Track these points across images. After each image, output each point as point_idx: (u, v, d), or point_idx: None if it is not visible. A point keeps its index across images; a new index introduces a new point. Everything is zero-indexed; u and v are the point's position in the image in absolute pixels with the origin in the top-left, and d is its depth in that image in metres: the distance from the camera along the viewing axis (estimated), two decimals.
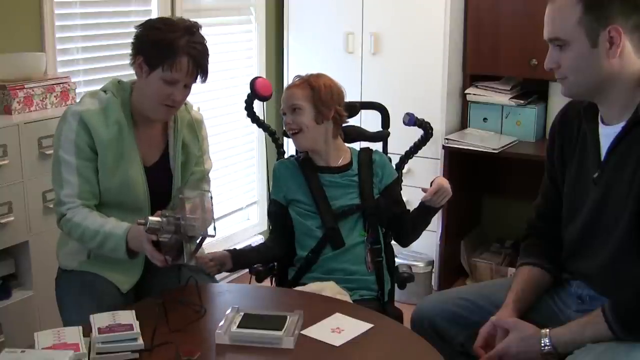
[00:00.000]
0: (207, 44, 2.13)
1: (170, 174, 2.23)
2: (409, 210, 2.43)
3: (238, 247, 2.54)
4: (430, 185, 2.26)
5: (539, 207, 2.08)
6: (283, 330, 1.76)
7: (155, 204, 2.14)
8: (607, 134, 1.81)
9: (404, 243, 2.48)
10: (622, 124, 1.77)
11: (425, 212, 2.33)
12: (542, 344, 1.76)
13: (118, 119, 2.12)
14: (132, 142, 2.14)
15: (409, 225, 2.40)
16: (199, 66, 2.10)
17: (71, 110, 2.12)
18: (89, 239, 2.07)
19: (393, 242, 2.52)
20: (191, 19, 2.16)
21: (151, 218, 1.90)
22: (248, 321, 1.81)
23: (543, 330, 1.78)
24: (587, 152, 1.87)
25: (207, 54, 2.12)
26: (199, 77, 2.12)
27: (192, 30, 2.10)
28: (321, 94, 2.32)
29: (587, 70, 1.75)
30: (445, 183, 2.27)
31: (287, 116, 2.34)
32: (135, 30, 2.14)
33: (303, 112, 2.32)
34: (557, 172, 1.99)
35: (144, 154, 2.19)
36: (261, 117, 2.64)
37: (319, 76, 2.38)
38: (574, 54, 1.74)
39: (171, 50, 2.05)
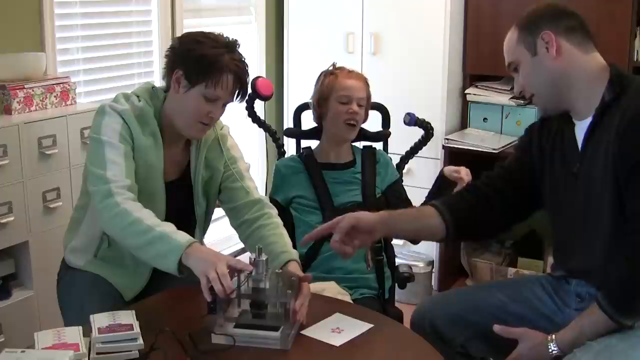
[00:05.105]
0: (246, 61, 2.04)
1: (189, 192, 2.13)
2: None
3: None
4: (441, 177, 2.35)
5: (500, 173, 2.06)
6: (283, 330, 1.75)
7: (170, 221, 1.96)
8: (582, 128, 1.87)
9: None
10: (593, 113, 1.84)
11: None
12: (550, 350, 1.79)
13: (153, 131, 2.01)
14: (160, 157, 2.03)
15: None
16: (242, 85, 2.02)
17: (111, 105, 1.99)
18: (136, 234, 1.84)
19: (394, 241, 2.51)
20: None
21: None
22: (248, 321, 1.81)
23: (549, 336, 1.81)
24: (565, 148, 1.92)
25: (248, 73, 2.03)
26: (238, 96, 2.04)
27: (233, 46, 2.00)
28: (370, 97, 2.44)
29: (539, 78, 1.88)
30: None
31: (352, 106, 2.37)
32: (172, 42, 2.04)
33: (364, 108, 2.41)
34: (535, 166, 2.00)
35: (165, 170, 2.07)
36: (262, 117, 2.64)
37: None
38: (525, 68, 1.90)
39: (216, 66, 1.95)
